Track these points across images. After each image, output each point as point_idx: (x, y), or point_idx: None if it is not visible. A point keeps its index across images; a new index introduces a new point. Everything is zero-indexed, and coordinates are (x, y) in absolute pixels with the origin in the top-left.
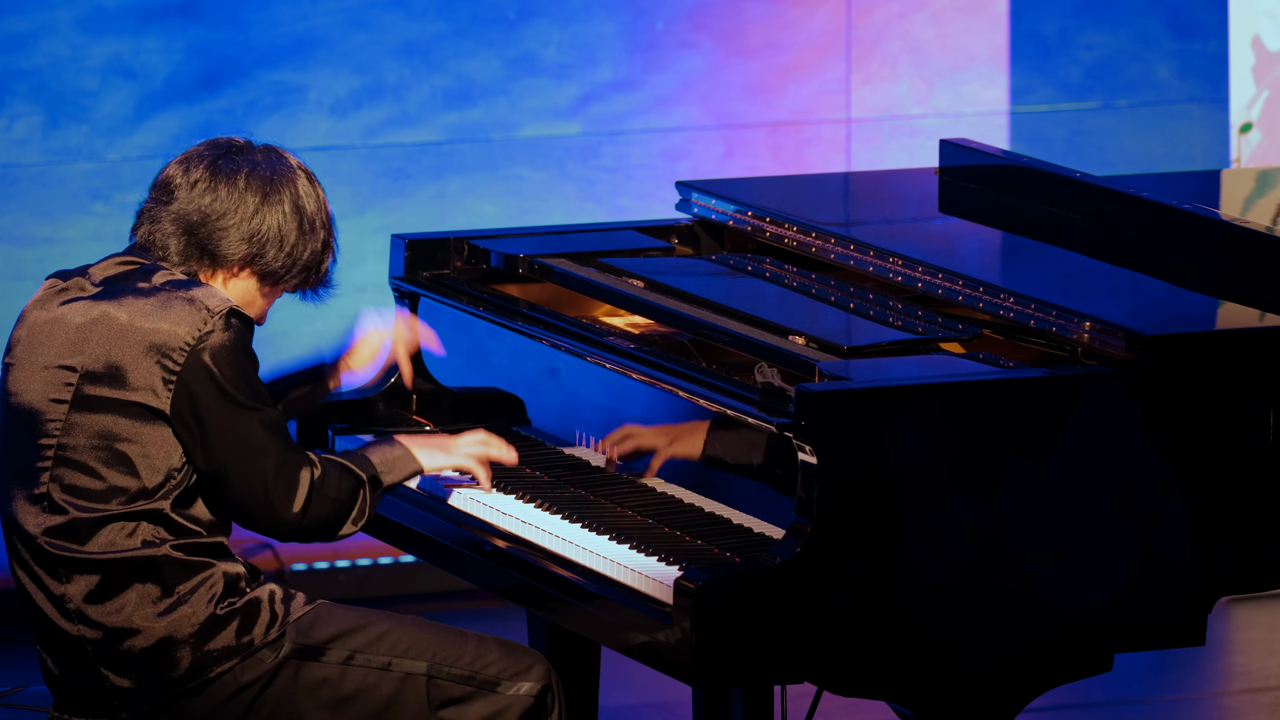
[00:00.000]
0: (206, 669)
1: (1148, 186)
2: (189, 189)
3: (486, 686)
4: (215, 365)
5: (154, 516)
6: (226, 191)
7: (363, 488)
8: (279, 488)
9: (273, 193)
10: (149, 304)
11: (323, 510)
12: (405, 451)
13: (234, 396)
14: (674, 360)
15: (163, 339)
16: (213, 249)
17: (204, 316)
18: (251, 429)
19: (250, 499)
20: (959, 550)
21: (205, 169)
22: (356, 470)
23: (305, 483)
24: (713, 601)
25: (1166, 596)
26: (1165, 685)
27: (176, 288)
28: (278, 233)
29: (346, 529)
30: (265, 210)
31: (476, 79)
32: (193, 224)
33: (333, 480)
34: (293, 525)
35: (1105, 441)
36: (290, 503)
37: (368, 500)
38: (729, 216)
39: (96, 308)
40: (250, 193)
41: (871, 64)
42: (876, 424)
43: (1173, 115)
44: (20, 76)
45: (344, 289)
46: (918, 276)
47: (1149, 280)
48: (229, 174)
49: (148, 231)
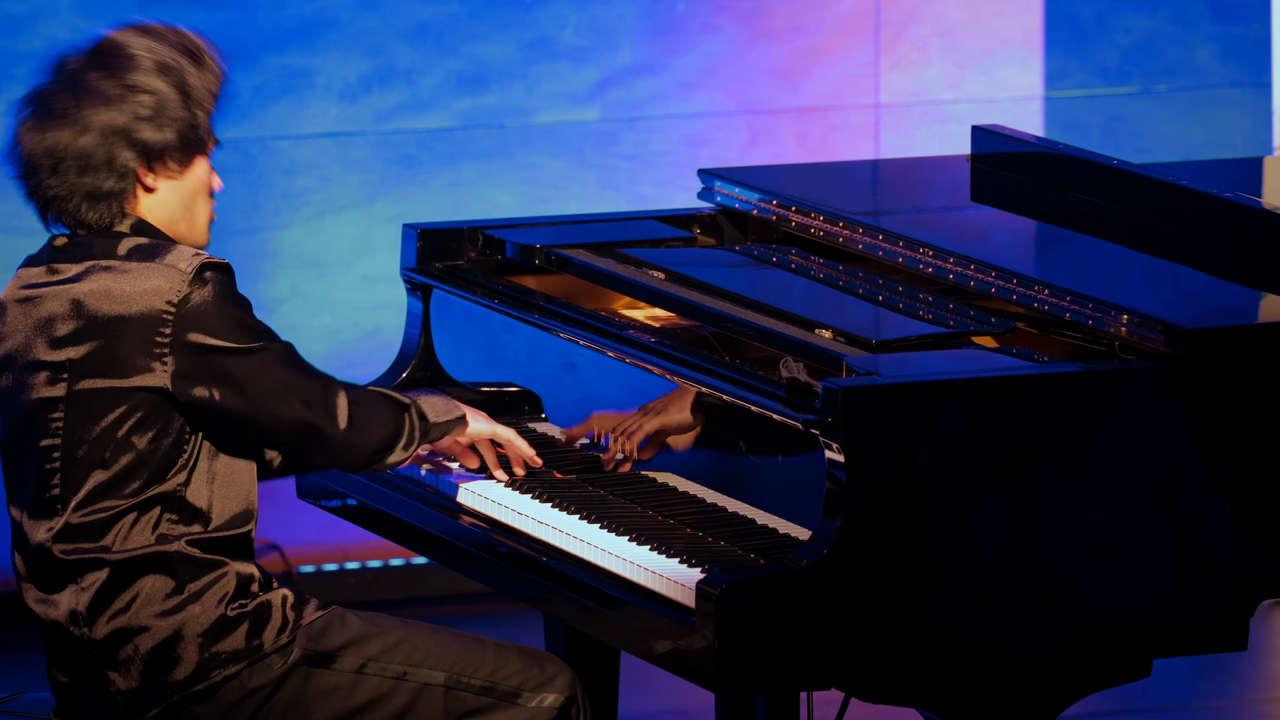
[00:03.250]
0: (213, 671)
1: (1187, 174)
2: (34, 149)
3: (507, 698)
4: (204, 324)
5: (167, 501)
6: (65, 129)
7: (407, 411)
8: (316, 412)
9: (106, 98)
10: (119, 279)
11: (368, 428)
12: (449, 401)
13: (232, 348)
14: (696, 355)
15: (141, 311)
16: (105, 187)
17: (178, 280)
18: (264, 369)
19: (294, 435)
20: (992, 552)
21: (33, 120)
22: (396, 395)
23: (343, 401)
24: (736, 605)
25: (1207, 600)
26: (1205, 692)
27: (144, 256)
28: (141, 128)
29: (397, 455)
30: (111, 120)
31: (491, 63)
32: (70, 185)
33: (374, 400)
34: (343, 443)
35: (1144, 439)
36: (335, 422)
37: (414, 425)
38: (753, 206)
39: (68, 293)
40: (87, 114)
41: (901, 47)
42: (906, 421)
43: (1213, 100)
44: (18, 60)
45: (354, 280)
46: (949, 268)
47: (1189, 271)
48: (54, 109)
49: (56, 216)
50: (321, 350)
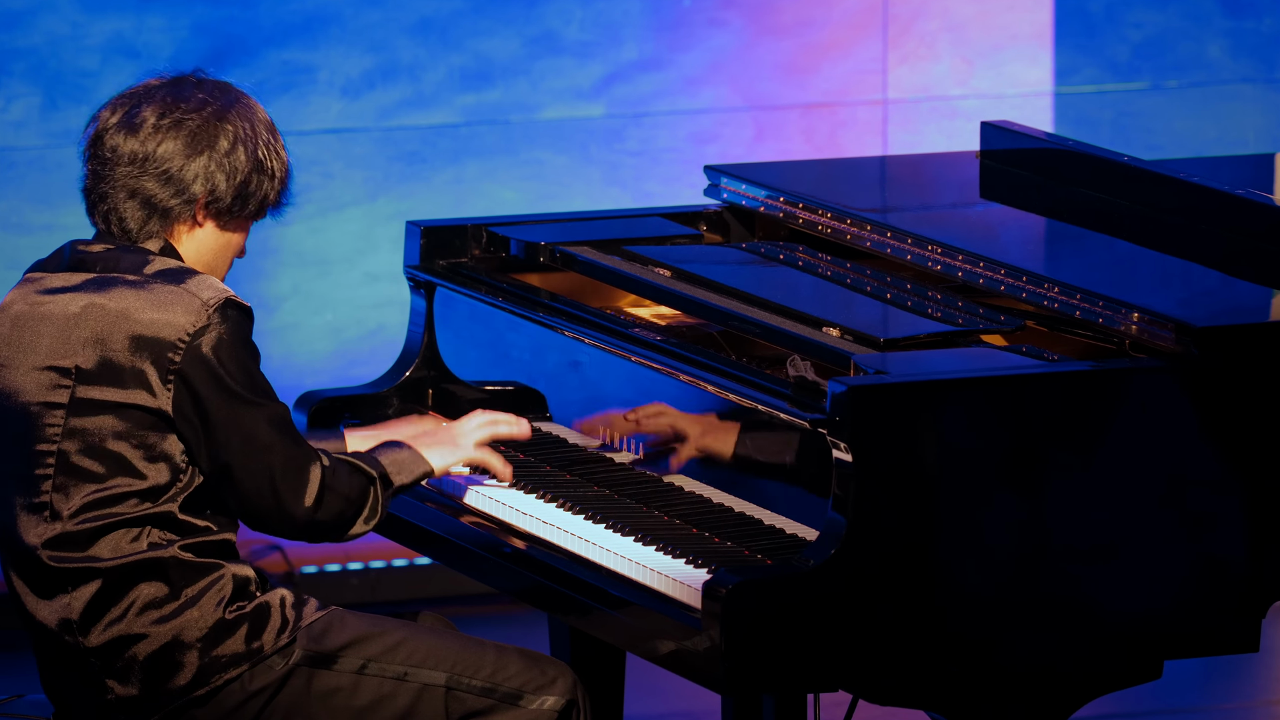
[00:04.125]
0: (214, 676)
1: (1198, 171)
2: (115, 149)
3: (508, 699)
4: (215, 360)
5: (162, 520)
6: (148, 139)
7: (373, 485)
8: (288, 484)
9: (196, 126)
10: (141, 297)
11: (334, 506)
12: (413, 453)
13: (236, 392)
14: (702, 353)
15: (157, 334)
16: (161, 205)
17: (199, 309)
18: (256, 425)
19: (258, 497)
20: (1001, 552)
21: (123, 121)
22: (365, 468)
23: (315, 478)
24: (743, 606)
25: (1218, 601)
26: (1216, 693)
27: (169, 279)
28: (220, 166)
29: (358, 528)
30: (192, 148)
31: (495, 58)
32: (132, 187)
33: (343, 476)
34: (304, 522)
35: (1154, 438)
36: (301, 499)
37: (379, 498)
38: (760, 202)
39: (83, 300)
40: (173, 133)
41: (909, 42)
42: (914, 420)
43: (1225, 96)
44: (17, 56)
45: (357, 278)
46: (957, 265)
47: (1200, 269)
48: (145, 119)
49: (103, 213)
50: (324, 349)
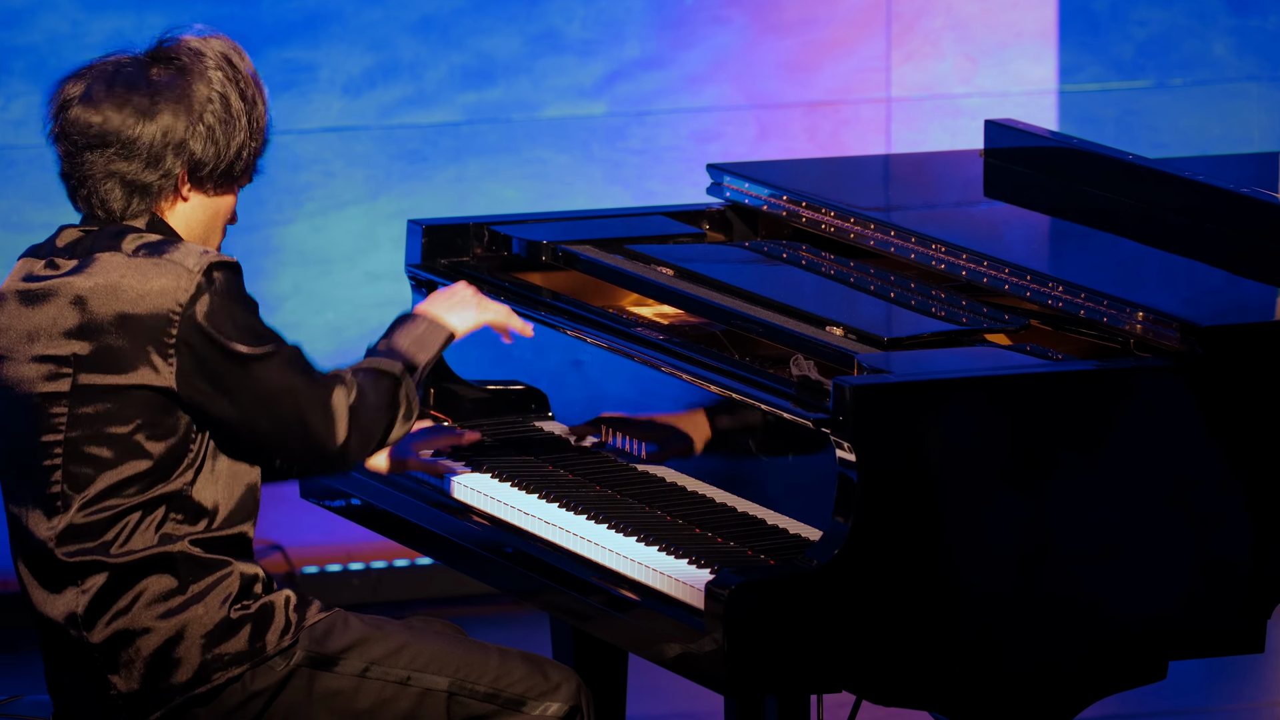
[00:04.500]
0: (215, 673)
1: (1203, 169)
2: (85, 129)
3: (511, 705)
4: (211, 325)
5: (173, 501)
6: (122, 116)
7: (399, 383)
8: (317, 422)
9: (169, 98)
10: (127, 274)
11: (369, 425)
12: (431, 322)
13: (239, 351)
14: (705, 352)
15: (150, 310)
16: (142, 181)
17: (186, 278)
18: (268, 374)
19: (293, 444)
20: (1005, 552)
21: (92, 98)
22: (388, 370)
23: (342, 408)
24: (746, 606)
25: (1224, 601)
26: (1222, 694)
27: (151, 252)
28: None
29: (398, 430)
30: (168, 120)
31: (497, 56)
32: (110, 169)
33: (368, 390)
34: (342, 453)
35: (1159, 438)
36: (333, 434)
37: (410, 392)
38: (763, 201)
39: (73, 286)
40: (147, 107)
41: (913, 40)
42: (918, 419)
43: (1230, 94)
44: (17, 54)
45: (358, 277)
46: (961, 264)
47: (1205, 268)
48: (113, 96)
49: (85, 197)
50: (325, 348)
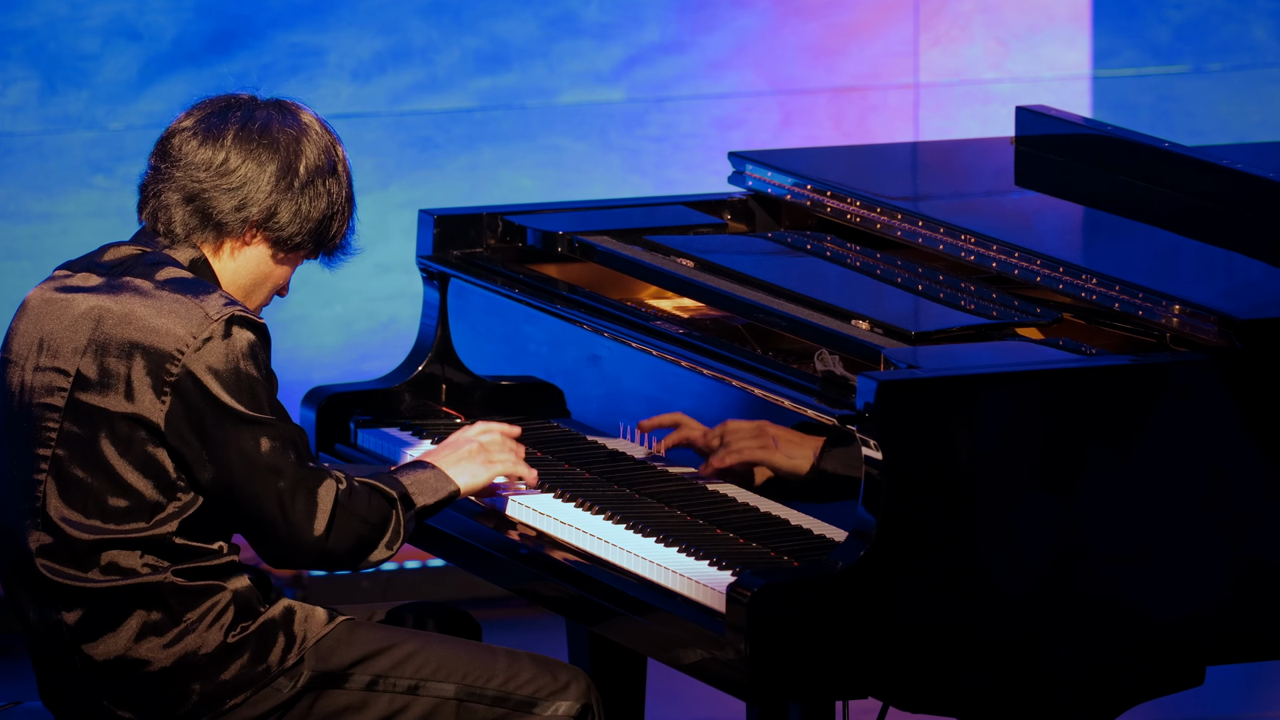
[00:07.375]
0: (219, 702)
1: (1242, 157)
2: (185, 153)
3: (522, 708)
4: (212, 374)
5: (156, 545)
6: (225, 150)
7: (394, 507)
8: (297, 507)
9: (277, 148)
10: (147, 305)
11: (351, 531)
12: (438, 473)
13: (233, 408)
14: (726, 347)
15: (156, 344)
16: (217, 217)
17: (201, 322)
18: (256, 444)
19: (266, 522)
20: (1037, 553)
21: (199, 128)
22: (385, 489)
23: (328, 499)
24: (769, 610)
25: (1263, 604)
26: (1261, 701)
27: (179, 289)
28: (290, 196)
29: (379, 553)
30: (268, 168)
31: (511, 40)
32: (192, 192)
33: (361, 498)
34: (317, 548)
35: (1196, 435)
36: (311, 524)
37: (401, 520)
38: (786, 190)
39: (92, 303)
40: (252, 150)
41: (942, 24)
42: (947, 416)
43: (1269, 79)
44: (15, 38)
45: (367, 268)
46: (992, 255)
47: (1244, 259)
48: (225, 130)
49: (153, 209)
50: (334, 342)
